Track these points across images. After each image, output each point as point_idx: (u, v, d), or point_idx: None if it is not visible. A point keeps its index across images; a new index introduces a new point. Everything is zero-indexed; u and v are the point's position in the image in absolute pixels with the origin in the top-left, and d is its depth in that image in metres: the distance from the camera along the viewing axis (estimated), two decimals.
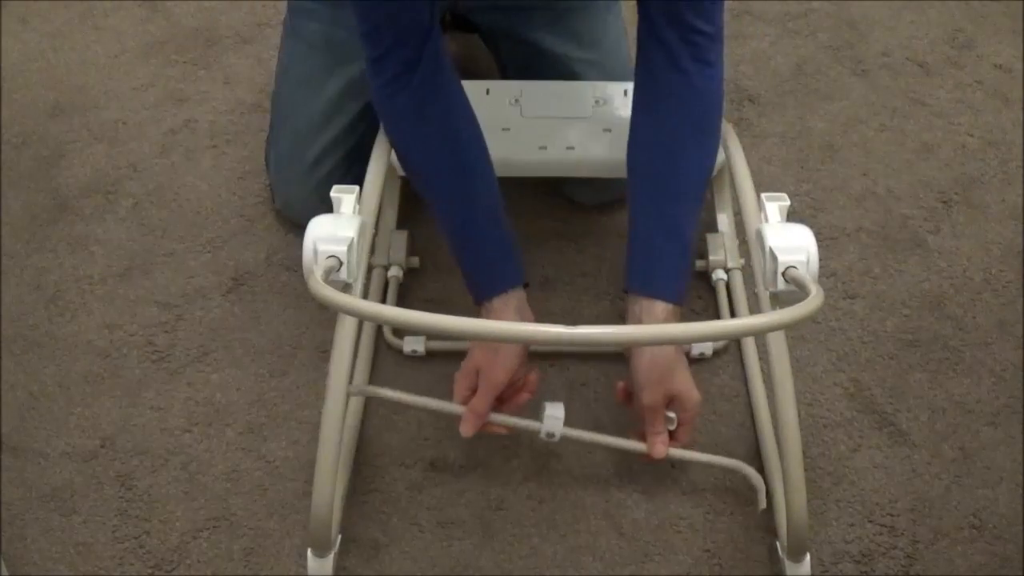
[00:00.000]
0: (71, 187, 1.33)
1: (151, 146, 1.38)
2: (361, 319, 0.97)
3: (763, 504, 0.97)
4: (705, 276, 1.20)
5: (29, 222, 1.29)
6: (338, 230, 0.82)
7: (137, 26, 1.56)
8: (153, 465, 1.05)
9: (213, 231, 1.27)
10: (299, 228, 1.24)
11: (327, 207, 0.87)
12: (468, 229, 0.97)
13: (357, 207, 0.87)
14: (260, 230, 1.27)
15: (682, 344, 1.01)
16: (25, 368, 1.13)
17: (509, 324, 0.65)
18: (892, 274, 1.22)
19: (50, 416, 1.09)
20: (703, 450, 1.05)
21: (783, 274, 0.81)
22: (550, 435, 0.95)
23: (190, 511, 1.01)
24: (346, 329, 0.87)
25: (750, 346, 1.13)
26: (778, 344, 0.87)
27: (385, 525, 1.00)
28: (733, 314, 1.16)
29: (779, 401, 0.86)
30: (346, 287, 0.82)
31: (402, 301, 1.18)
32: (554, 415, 0.95)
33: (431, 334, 1.11)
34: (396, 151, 1.00)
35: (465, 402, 0.96)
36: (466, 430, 0.95)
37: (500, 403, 0.96)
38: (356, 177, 0.95)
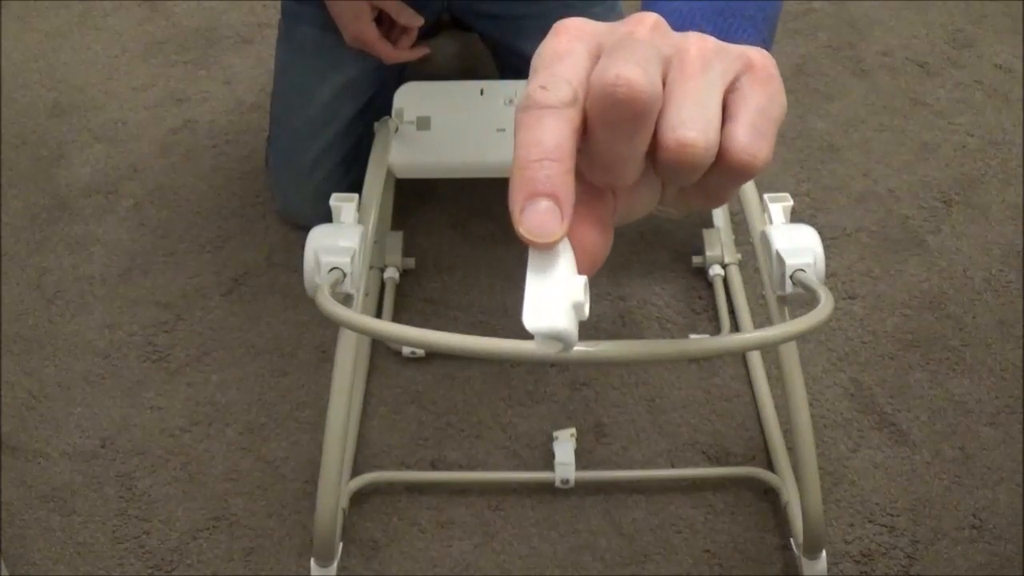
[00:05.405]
0: (71, 187, 1.33)
1: (151, 146, 1.38)
2: (377, 339, 0.96)
3: (785, 499, 0.98)
4: (702, 272, 1.20)
5: (29, 222, 1.29)
6: (340, 240, 0.80)
7: (137, 26, 1.56)
8: (153, 465, 1.05)
9: (213, 231, 1.27)
10: (299, 228, 1.24)
11: (326, 209, 0.86)
12: None
13: (357, 215, 0.86)
14: (260, 230, 1.27)
15: (698, 358, 1.01)
16: (25, 368, 1.13)
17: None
18: (892, 274, 1.22)
19: (50, 416, 1.09)
20: (704, 449, 1.05)
21: (791, 277, 0.81)
22: (564, 481, 0.99)
23: (190, 511, 1.01)
24: (347, 343, 0.85)
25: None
26: (788, 346, 0.87)
27: (385, 525, 1.00)
28: (732, 310, 1.16)
29: (791, 402, 0.86)
30: (347, 297, 0.81)
31: (400, 302, 1.18)
32: (564, 461, 0.99)
33: (455, 354, 1.10)
34: None
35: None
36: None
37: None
38: (354, 180, 0.95)
